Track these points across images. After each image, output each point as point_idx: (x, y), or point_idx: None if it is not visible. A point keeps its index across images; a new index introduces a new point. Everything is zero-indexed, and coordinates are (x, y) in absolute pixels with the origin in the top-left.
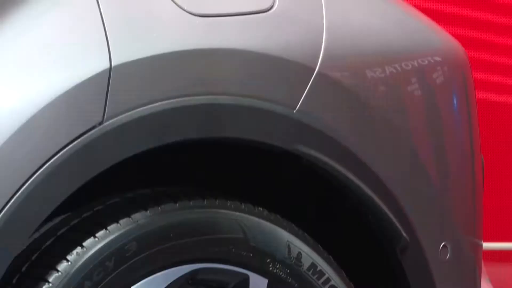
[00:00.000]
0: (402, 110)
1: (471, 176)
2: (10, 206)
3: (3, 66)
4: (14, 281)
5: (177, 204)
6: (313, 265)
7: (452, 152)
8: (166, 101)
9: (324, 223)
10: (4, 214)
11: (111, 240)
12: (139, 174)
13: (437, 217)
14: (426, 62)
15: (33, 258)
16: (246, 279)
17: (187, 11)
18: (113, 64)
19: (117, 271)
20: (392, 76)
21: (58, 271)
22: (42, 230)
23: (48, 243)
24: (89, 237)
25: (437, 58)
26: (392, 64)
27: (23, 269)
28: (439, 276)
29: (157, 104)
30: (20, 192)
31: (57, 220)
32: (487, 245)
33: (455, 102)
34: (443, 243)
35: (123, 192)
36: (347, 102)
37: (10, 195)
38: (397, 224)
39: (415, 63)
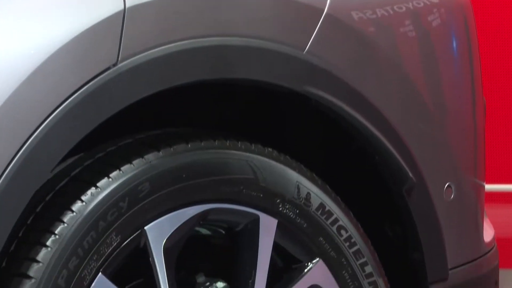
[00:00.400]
0: (409, 51)
1: (472, 118)
2: (26, 147)
3: (18, 9)
4: (29, 221)
5: (189, 145)
6: (321, 206)
7: (453, 94)
8: (178, 43)
9: (331, 166)
10: (21, 154)
11: (125, 181)
12: (148, 118)
13: (442, 158)
14: (436, 1)
15: (47, 198)
16: (256, 220)
17: None
18: (127, 5)
19: (130, 212)
20: (400, 16)
21: (72, 211)
22: (56, 171)
23: (62, 184)
24: (103, 177)
25: None
26: (399, 4)
27: (38, 209)
28: (443, 216)
29: (170, 45)
30: (36, 133)
31: (70, 161)
32: (489, 187)
33: (456, 44)
34: (447, 184)
35: (134, 134)
36: (356, 43)
37: (27, 136)
38: (404, 165)
39: (426, 1)
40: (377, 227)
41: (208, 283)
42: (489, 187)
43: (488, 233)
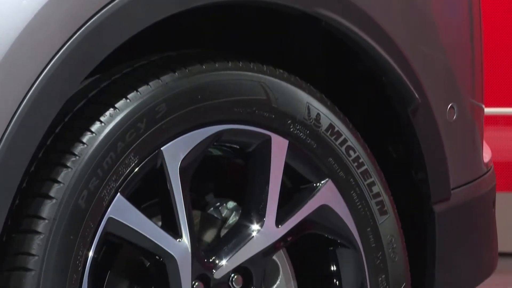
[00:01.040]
0: None
1: (469, 42)
2: (50, 67)
3: None
4: (48, 142)
5: (203, 66)
6: (331, 126)
7: (452, 18)
8: None
9: (337, 87)
10: (44, 75)
11: (142, 102)
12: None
13: (445, 80)
14: None
15: (66, 120)
16: (268, 140)
17: None
18: None
19: (148, 133)
20: None
21: (92, 132)
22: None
23: (79, 105)
24: (120, 99)
25: None
26: None
27: (57, 130)
28: (446, 136)
29: None
30: (59, 54)
31: (86, 82)
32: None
33: None
34: (450, 104)
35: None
36: None
37: (50, 57)
38: (410, 85)
39: None
40: (381, 149)
41: (218, 203)
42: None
43: (486, 155)
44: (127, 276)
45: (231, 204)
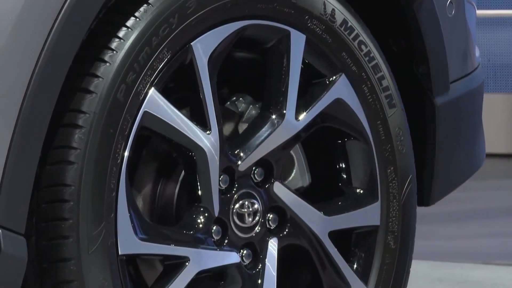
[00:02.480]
0: None
1: None
2: None
3: None
4: (84, 37)
5: None
6: (344, 21)
7: None
8: None
9: None
10: None
11: None
12: None
13: None
14: None
15: (101, 15)
16: (287, 35)
17: None
18: None
19: (179, 28)
20: None
21: (127, 27)
22: None
23: (113, 1)
24: None
25: None
26: None
27: (93, 26)
28: (445, 30)
29: None
30: None
31: None
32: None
33: None
34: (449, 0)
35: None
36: None
37: None
38: None
39: None
40: (382, 43)
41: (234, 98)
42: None
43: (475, 51)
44: (154, 170)
45: (247, 98)
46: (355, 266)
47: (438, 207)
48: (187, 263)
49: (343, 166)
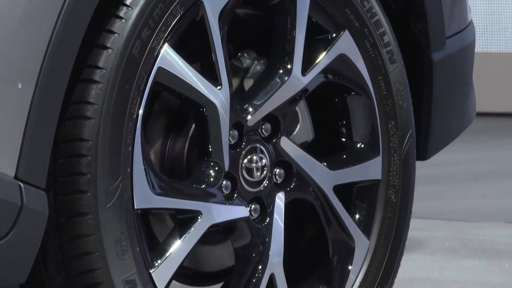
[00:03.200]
0: None
1: None
2: None
3: None
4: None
5: None
6: None
7: None
8: None
9: None
10: None
11: None
12: None
13: None
14: None
15: None
16: None
17: None
18: None
19: None
20: None
21: None
22: None
23: None
24: None
25: None
26: None
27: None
28: None
29: None
30: None
31: None
32: None
33: None
34: None
35: None
36: None
37: None
38: None
39: None
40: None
41: (239, 54)
42: None
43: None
44: (164, 126)
45: (251, 54)
46: (357, 220)
47: (452, 167)
48: (199, 217)
49: (346, 121)
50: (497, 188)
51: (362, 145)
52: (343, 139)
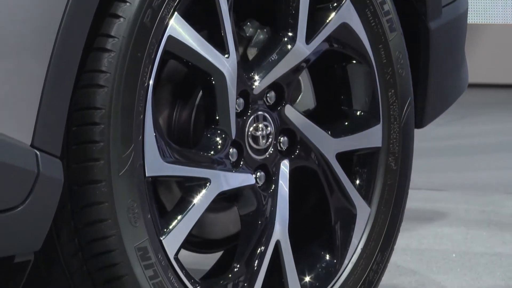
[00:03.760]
0: None
1: None
2: None
3: None
4: None
5: None
6: None
7: None
8: None
9: None
10: None
11: None
12: None
13: None
14: None
15: None
16: None
17: None
18: None
19: None
20: None
21: None
22: None
23: None
24: None
25: None
26: None
27: None
28: None
29: None
30: None
31: None
32: None
33: None
34: None
35: None
36: None
37: None
38: None
39: None
40: None
41: (241, 23)
42: None
43: None
44: (170, 94)
45: (254, 23)
46: (358, 187)
47: (462, 139)
48: (208, 185)
49: (347, 89)
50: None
51: (363, 113)
52: (344, 108)
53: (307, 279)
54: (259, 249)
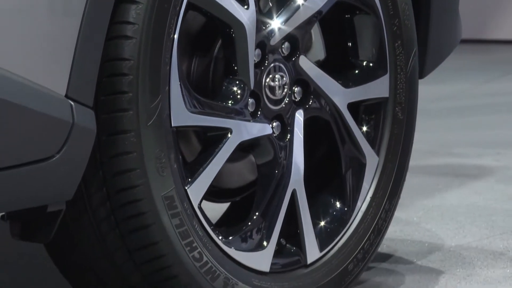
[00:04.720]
0: None
1: None
2: None
3: None
4: None
5: None
6: None
7: None
8: None
9: None
10: None
11: None
12: None
13: None
14: None
15: None
16: None
17: None
18: None
19: None
20: None
21: None
22: None
23: None
24: None
25: None
26: None
27: None
28: None
29: None
30: None
31: None
32: None
33: None
34: None
35: None
36: None
37: None
38: None
39: None
40: None
41: None
42: None
43: None
44: (189, 44)
45: None
46: (367, 137)
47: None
48: (229, 135)
49: (355, 40)
50: None
51: (371, 64)
52: (352, 59)
53: (322, 223)
54: (276, 197)
